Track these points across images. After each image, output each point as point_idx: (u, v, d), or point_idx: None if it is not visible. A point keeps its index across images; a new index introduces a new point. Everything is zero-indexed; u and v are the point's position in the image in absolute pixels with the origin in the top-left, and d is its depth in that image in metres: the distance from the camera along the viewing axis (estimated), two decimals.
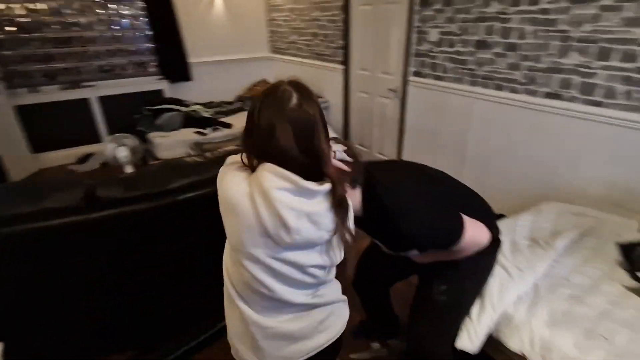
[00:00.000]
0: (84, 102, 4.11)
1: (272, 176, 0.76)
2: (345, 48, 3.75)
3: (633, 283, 1.44)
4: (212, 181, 1.52)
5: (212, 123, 3.82)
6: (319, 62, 4.24)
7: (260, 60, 5.14)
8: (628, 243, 1.59)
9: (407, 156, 3.41)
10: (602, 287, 1.42)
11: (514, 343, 1.29)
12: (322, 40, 4.09)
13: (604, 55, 1.95)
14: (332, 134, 0.95)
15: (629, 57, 1.86)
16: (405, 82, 3.17)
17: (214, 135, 3.66)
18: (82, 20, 3.96)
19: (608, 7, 1.88)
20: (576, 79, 2.09)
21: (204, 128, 3.72)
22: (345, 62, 3.81)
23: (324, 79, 4.23)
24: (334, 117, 4.27)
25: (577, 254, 1.62)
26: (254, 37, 4.99)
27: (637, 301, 1.36)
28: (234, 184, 0.80)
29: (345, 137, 4.19)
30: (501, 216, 2.25)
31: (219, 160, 1.61)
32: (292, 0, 4.39)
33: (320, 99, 4.22)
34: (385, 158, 3.71)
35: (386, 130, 3.58)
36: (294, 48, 4.66)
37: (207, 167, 1.54)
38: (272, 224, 0.76)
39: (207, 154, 1.64)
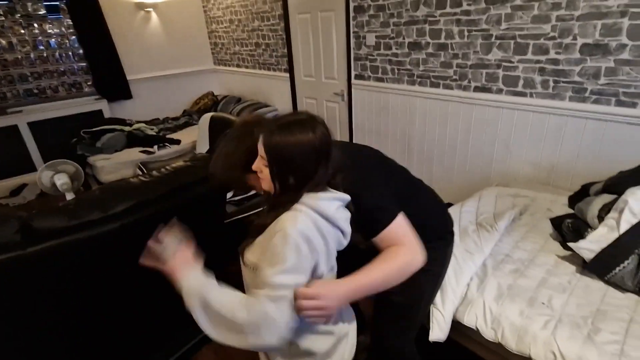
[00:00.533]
0: (12, 130, 3.80)
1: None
2: (289, 56, 3.80)
3: (564, 252, 1.60)
4: (160, 200, 1.51)
5: (159, 141, 3.69)
6: (264, 72, 4.26)
7: (205, 73, 5.05)
8: (557, 217, 1.76)
9: None
10: (539, 259, 1.57)
11: (469, 319, 1.38)
12: (265, 49, 4.11)
13: (520, 50, 2.15)
14: None
15: (542, 50, 2.07)
16: (349, 86, 3.28)
17: (161, 153, 3.54)
18: (2, 41, 3.67)
19: (518, 7, 2.09)
20: (500, 72, 2.28)
21: (150, 146, 3.58)
22: (290, 69, 3.86)
23: (271, 88, 4.25)
24: None
25: (516, 232, 1.76)
26: (195, 50, 4.89)
27: (569, 268, 1.51)
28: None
29: None
30: (449, 205, 2.39)
31: (167, 178, 1.59)
32: (232, 12, 4.37)
33: (268, 108, 4.23)
34: None
35: (337, 133, 3.66)
36: (237, 59, 4.64)
37: (153, 186, 1.49)
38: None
39: (154, 172, 1.60)
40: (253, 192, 2.53)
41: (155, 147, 3.58)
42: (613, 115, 1.92)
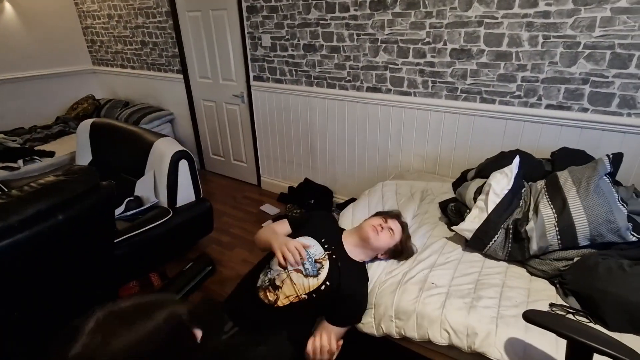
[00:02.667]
0: None
1: None
2: (181, 56, 3.56)
3: (451, 233, 1.80)
4: (25, 224, 1.26)
5: (25, 153, 3.13)
6: (153, 73, 3.92)
7: (82, 74, 4.44)
8: (444, 201, 1.97)
9: (262, 157, 3.47)
10: (431, 243, 1.73)
11: (368, 321, 1.46)
12: (153, 48, 3.79)
13: (402, 53, 2.36)
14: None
15: (420, 54, 2.30)
16: (248, 87, 3.21)
17: (28, 168, 3.00)
18: None
19: (398, 14, 2.29)
20: (388, 74, 2.47)
21: (12, 161, 3.01)
22: (184, 70, 3.62)
23: (163, 90, 3.93)
24: (182, 129, 4.02)
25: (412, 220, 1.93)
26: (68, 48, 4.27)
27: (455, 247, 1.71)
28: None
29: (198, 149, 4.00)
30: (353, 199, 2.52)
31: (33, 196, 1.34)
32: (109, 6, 3.92)
33: (162, 112, 3.91)
34: (244, 164, 3.69)
35: (239, 136, 3.56)
36: (121, 58, 4.18)
37: (14, 209, 1.24)
38: None
39: (14, 191, 1.33)
40: (148, 204, 2.31)
41: (20, 161, 3.02)
42: (479, 111, 2.23)
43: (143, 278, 2.29)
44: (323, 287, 1.34)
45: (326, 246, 1.46)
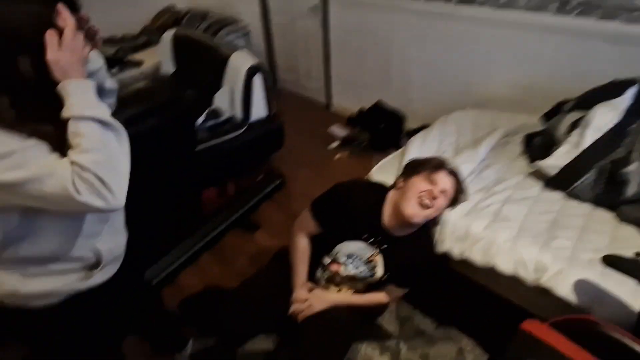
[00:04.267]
0: None
1: None
2: None
3: (531, 169, 1.67)
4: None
5: (118, 62, 3.38)
6: None
7: None
8: (529, 134, 1.80)
9: (335, 76, 3.38)
10: (507, 177, 1.63)
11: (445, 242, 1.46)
12: None
13: None
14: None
15: None
16: (325, 0, 3.01)
17: (121, 76, 3.27)
18: None
19: None
20: None
21: (108, 69, 3.29)
22: None
23: (240, 1, 3.86)
24: (256, 44, 4.00)
25: (490, 152, 1.80)
26: None
27: (534, 184, 1.59)
28: None
29: (270, 66, 3.99)
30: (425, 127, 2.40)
31: (125, 102, 1.47)
32: None
33: (238, 25, 3.88)
34: (315, 84, 3.64)
35: (312, 54, 3.46)
36: None
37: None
38: None
39: None
40: (225, 117, 2.43)
41: (116, 69, 3.29)
42: (593, 31, 1.87)
43: (221, 186, 2.51)
44: (385, 278, 1.34)
45: (372, 240, 1.30)
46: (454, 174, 1.30)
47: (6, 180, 0.65)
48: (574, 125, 1.58)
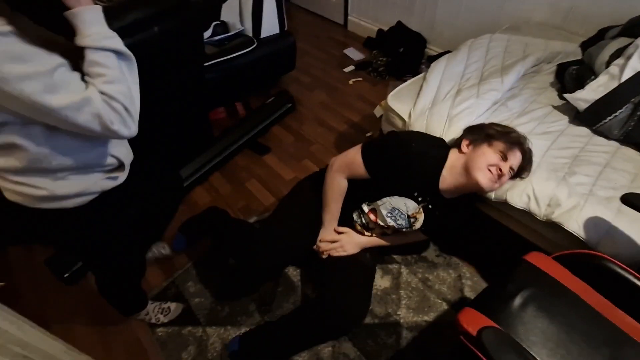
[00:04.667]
0: None
1: None
2: None
3: (560, 102, 1.56)
4: (125, 31, 1.30)
5: None
6: None
7: None
8: (563, 63, 1.65)
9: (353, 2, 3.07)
10: (533, 109, 1.53)
11: None
12: None
13: None
14: None
15: None
16: None
17: None
18: None
19: None
20: None
21: None
22: None
23: None
24: None
25: (520, 81, 1.67)
26: None
27: (561, 117, 1.49)
28: None
29: None
30: (447, 52, 2.22)
31: (131, 4, 1.35)
32: None
33: None
34: (330, 4, 3.33)
35: None
36: None
37: (115, 14, 1.28)
38: None
39: None
40: (234, 31, 2.27)
41: None
42: None
43: (230, 106, 2.44)
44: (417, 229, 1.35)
45: (420, 199, 1.28)
46: (527, 151, 1.23)
47: (44, 104, 0.66)
48: (616, 55, 1.44)
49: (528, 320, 0.94)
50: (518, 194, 1.25)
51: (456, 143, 1.29)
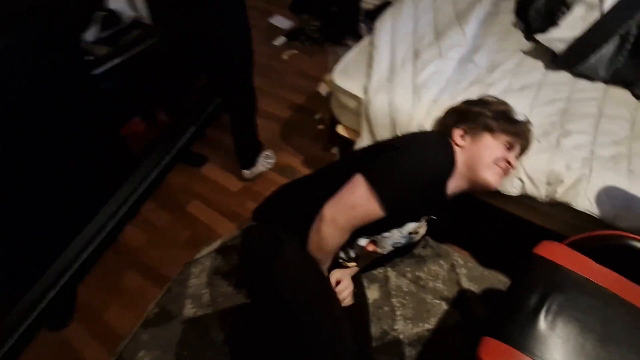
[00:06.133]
0: None
1: None
2: None
3: (528, 44, 1.34)
4: None
5: None
6: None
7: None
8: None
9: None
10: (501, 61, 1.29)
11: None
12: None
13: None
14: None
15: None
16: None
17: None
18: None
19: None
20: None
21: None
22: None
23: None
24: None
25: (481, 28, 1.42)
26: None
27: (532, 65, 1.27)
28: None
29: None
30: (387, 4, 1.91)
31: None
32: None
33: None
34: None
35: None
36: None
37: None
38: None
39: None
40: (127, 21, 1.80)
41: None
42: None
43: (146, 114, 2.02)
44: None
45: (427, 216, 1.12)
46: (530, 132, 1.03)
47: None
48: None
49: (561, 340, 0.75)
50: (509, 179, 1.03)
51: (444, 130, 1.04)
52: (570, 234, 0.99)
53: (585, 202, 0.95)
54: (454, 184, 0.99)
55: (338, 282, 1.11)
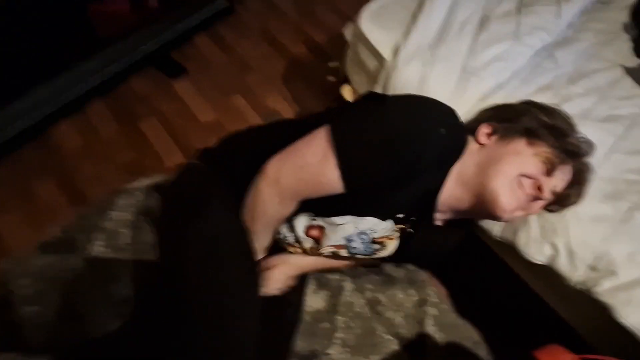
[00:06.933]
0: None
1: None
2: None
3: (636, 62, 0.95)
4: None
5: None
6: None
7: None
8: None
9: None
10: (593, 70, 0.91)
11: None
12: None
13: None
14: None
15: None
16: None
17: None
18: None
19: None
20: None
21: None
22: None
23: None
24: None
25: (581, 16, 1.02)
26: None
27: (634, 88, 0.90)
28: None
29: None
30: None
31: None
32: None
33: None
34: None
35: None
36: None
37: None
38: None
39: None
40: None
41: None
42: None
43: None
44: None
45: (401, 216, 0.75)
46: (587, 172, 0.72)
47: None
48: None
49: None
50: (537, 240, 0.72)
51: (470, 124, 0.74)
52: (591, 342, 0.70)
53: (636, 316, 0.65)
54: (452, 190, 0.70)
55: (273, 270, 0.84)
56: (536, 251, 0.74)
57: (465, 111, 0.76)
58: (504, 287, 1.01)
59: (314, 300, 1.08)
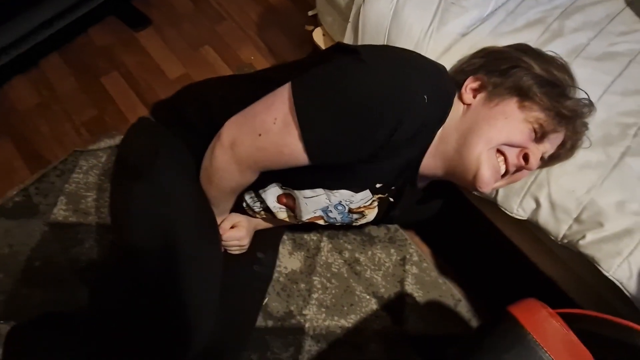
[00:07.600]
0: None
1: None
2: None
3: None
4: None
5: None
6: None
7: None
8: None
9: None
10: (590, 5, 0.81)
11: None
12: None
13: None
14: None
15: None
16: None
17: None
18: None
19: None
20: None
21: None
22: None
23: None
24: None
25: None
26: None
27: (635, 22, 0.81)
28: None
29: None
30: None
31: None
32: None
33: None
34: None
35: None
36: None
37: None
38: None
39: None
40: None
41: None
42: None
43: None
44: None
45: (380, 186, 0.67)
46: (581, 131, 0.63)
47: None
48: None
49: None
50: (517, 193, 0.66)
51: (456, 77, 0.65)
52: (573, 296, 0.66)
53: (623, 270, 0.59)
54: (433, 158, 0.63)
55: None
56: (517, 205, 0.68)
57: (440, 47, 0.67)
58: (487, 244, 0.97)
59: (290, 262, 1.05)
